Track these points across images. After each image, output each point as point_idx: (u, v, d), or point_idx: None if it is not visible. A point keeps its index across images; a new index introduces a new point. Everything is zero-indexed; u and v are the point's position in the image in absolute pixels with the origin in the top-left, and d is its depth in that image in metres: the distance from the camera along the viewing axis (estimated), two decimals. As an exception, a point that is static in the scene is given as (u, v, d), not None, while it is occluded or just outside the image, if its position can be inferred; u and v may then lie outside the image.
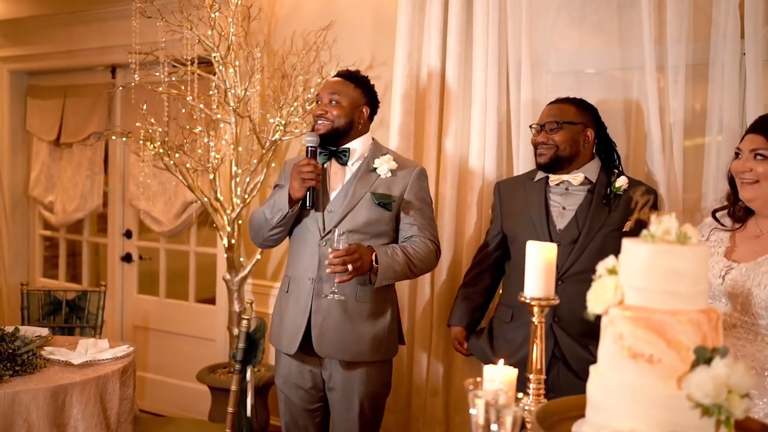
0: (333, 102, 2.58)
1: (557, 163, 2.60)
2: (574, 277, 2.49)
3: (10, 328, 2.67)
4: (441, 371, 3.20)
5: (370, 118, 2.68)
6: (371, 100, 2.67)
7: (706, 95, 2.70)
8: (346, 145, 2.61)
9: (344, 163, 2.62)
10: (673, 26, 2.69)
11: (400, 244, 2.59)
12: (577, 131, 2.60)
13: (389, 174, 2.59)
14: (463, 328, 2.88)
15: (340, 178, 2.62)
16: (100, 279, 5.15)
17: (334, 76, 2.69)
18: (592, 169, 2.63)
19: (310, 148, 2.52)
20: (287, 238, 2.69)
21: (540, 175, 2.68)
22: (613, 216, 2.54)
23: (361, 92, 2.63)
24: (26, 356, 2.50)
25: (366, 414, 2.62)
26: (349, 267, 2.36)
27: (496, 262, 2.85)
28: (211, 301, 4.47)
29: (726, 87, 2.60)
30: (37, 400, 2.33)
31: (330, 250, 2.37)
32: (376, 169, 2.60)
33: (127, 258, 4.86)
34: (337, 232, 2.38)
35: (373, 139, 2.70)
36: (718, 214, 2.18)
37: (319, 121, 2.59)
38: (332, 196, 2.59)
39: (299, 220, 2.61)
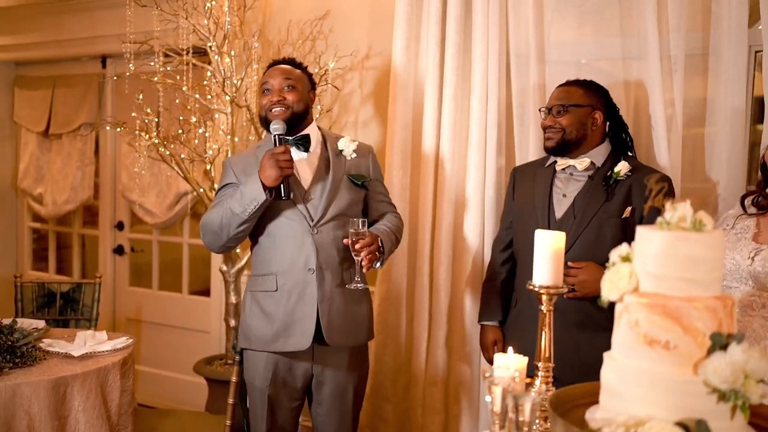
0: (287, 88, 2.55)
1: (564, 147, 2.55)
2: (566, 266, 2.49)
3: (7, 321, 2.64)
4: (440, 361, 3.20)
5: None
6: (313, 85, 2.69)
7: (705, 86, 2.71)
8: (305, 132, 2.59)
9: (306, 150, 2.58)
10: (673, 15, 2.70)
11: (383, 222, 2.64)
12: (584, 114, 2.54)
13: (354, 155, 2.63)
14: (498, 326, 2.77)
15: (306, 165, 2.59)
16: (88, 272, 5.12)
17: (276, 65, 2.63)
18: (600, 154, 2.57)
19: (279, 137, 2.47)
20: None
21: (551, 159, 2.64)
22: (611, 203, 2.48)
23: (307, 78, 2.64)
24: (25, 348, 2.48)
25: (358, 401, 2.67)
26: (377, 255, 2.46)
27: (510, 257, 2.77)
28: (205, 293, 4.44)
29: (731, 78, 2.60)
30: (38, 393, 2.31)
31: (353, 239, 2.40)
32: (342, 151, 2.62)
33: (118, 250, 4.82)
34: (360, 222, 2.42)
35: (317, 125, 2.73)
36: (746, 201, 2.29)
37: (275, 109, 2.53)
38: (307, 184, 2.56)
39: (271, 214, 2.53)
